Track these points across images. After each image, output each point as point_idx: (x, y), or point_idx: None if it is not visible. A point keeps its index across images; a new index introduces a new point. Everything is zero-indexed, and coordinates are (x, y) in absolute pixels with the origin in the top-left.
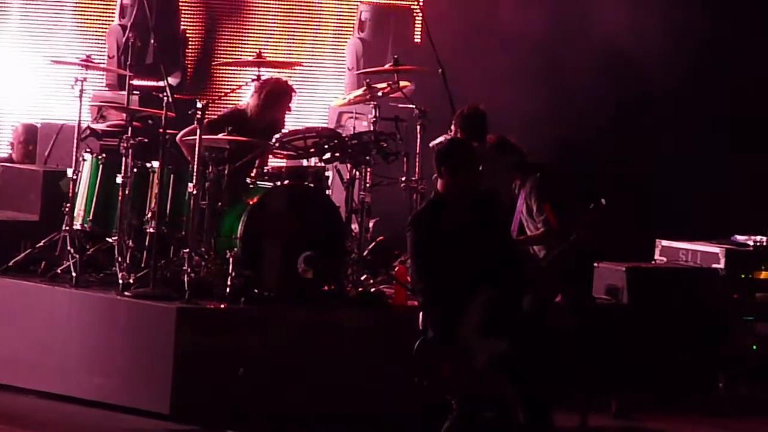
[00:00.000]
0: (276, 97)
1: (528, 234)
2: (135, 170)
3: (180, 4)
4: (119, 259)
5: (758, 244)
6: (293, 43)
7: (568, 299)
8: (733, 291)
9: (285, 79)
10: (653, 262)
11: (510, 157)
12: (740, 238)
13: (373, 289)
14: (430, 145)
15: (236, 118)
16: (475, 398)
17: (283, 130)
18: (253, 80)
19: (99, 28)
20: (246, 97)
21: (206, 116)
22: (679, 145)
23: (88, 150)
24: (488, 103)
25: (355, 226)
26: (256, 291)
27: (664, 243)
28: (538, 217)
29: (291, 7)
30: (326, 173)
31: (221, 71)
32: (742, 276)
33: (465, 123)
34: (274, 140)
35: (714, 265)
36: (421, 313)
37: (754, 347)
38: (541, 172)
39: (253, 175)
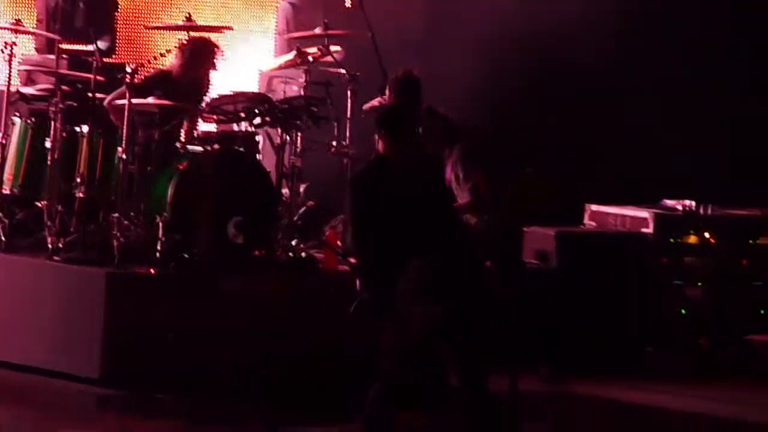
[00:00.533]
0: (199, 54)
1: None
2: (64, 134)
3: None
4: (48, 223)
5: (687, 208)
6: (223, 6)
7: (497, 264)
8: (662, 255)
9: (207, 36)
10: (582, 226)
11: (438, 125)
12: (669, 202)
13: (303, 254)
14: (363, 107)
15: (162, 80)
16: (410, 362)
17: (209, 89)
18: (180, 43)
19: None
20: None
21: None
22: (610, 111)
23: (17, 114)
24: (418, 70)
25: (285, 191)
26: (185, 256)
27: (593, 207)
28: (465, 185)
29: None
30: (257, 138)
31: (150, 35)
32: (671, 240)
33: (400, 87)
34: (203, 104)
35: (643, 230)
36: (358, 277)
37: (683, 312)
38: (469, 139)
39: (182, 139)
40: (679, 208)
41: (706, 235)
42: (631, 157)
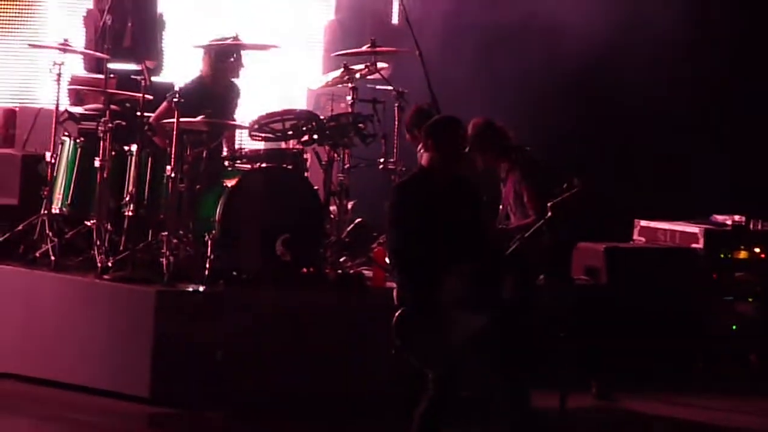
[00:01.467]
0: (223, 53)
1: (512, 220)
2: (113, 153)
3: None
4: (98, 242)
5: (737, 223)
6: (270, 25)
7: (548, 280)
8: (712, 271)
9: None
10: (632, 242)
11: (498, 140)
12: (719, 218)
13: (352, 271)
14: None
15: (198, 91)
16: (453, 375)
17: (240, 94)
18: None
19: (76, 11)
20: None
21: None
22: (660, 126)
23: (66, 134)
24: (464, 84)
25: (333, 208)
26: (235, 274)
27: (643, 223)
28: (529, 205)
29: None
30: (304, 155)
31: (199, 54)
32: (721, 256)
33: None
34: (251, 122)
35: (693, 245)
36: (396, 287)
37: (734, 327)
38: (531, 158)
39: (228, 156)
40: (729, 223)
41: (757, 250)
42: (681, 172)
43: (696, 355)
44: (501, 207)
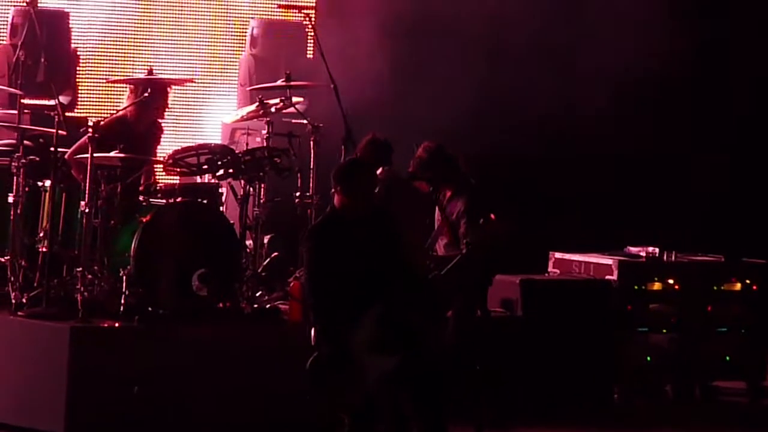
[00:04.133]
0: (152, 93)
1: (440, 248)
2: (26, 189)
3: (71, 22)
4: (12, 278)
5: (651, 255)
6: (185, 59)
7: (455, 313)
8: (626, 303)
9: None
10: (547, 274)
11: (446, 166)
12: (633, 249)
13: (268, 306)
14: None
15: (119, 128)
16: (369, 414)
17: (164, 132)
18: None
19: None
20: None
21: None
22: (574, 159)
23: None
24: (383, 114)
25: (249, 243)
26: (150, 309)
27: (558, 255)
28: (464, 237)
29: (182, 23)
30: (220, 190)
31: (113, 89)
32: (635, 287)
33: (368, 150)
34: (166, 156)
35: (607, 277)
36: (313, 329)
37: (648, 359)
38: (474, 192)
39: (143, 190)
40: (643, 254)
41: (671, 281)
42: (594, 205)
43: (611, 387)
44: (433, 231)
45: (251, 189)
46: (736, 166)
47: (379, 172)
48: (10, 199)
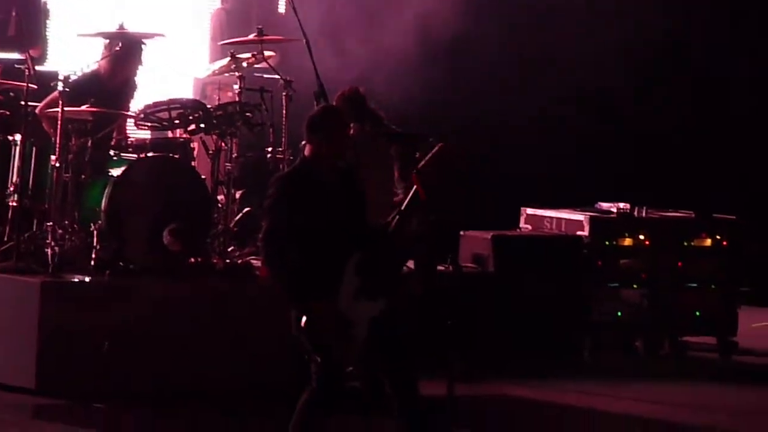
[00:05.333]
0: (125, 51)
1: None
2: None
3: None
4: None
5: (622, 211)
6: (156, 13)
7: (418, 264)
8: (597, 258)
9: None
10: (518, 229)
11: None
12: (604, 205)
13: (240, 261)
14: None
15: (92, 83)
16: (339, 367)
17: (137, 89)
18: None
19: None
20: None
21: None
22: (546, 115)
23: None
24: (349, 73)
25: (221, 198)
26: (121, 264)
27: (529, 211)
28: (399, 184)
29: None
30: (191, 145)
31: (83, 42)
32: (606, 243)
33: (346, 105)
34: (137, 111)
35: (578, 233)
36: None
37: (619, 314)
38: (406, 141)
39: (115, 145)
40: (614, 210)
41: (641, 237)
42: (566, 160)
43: (582, 341)
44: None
45: (223, 144)
46: (705, 124)
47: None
48: None
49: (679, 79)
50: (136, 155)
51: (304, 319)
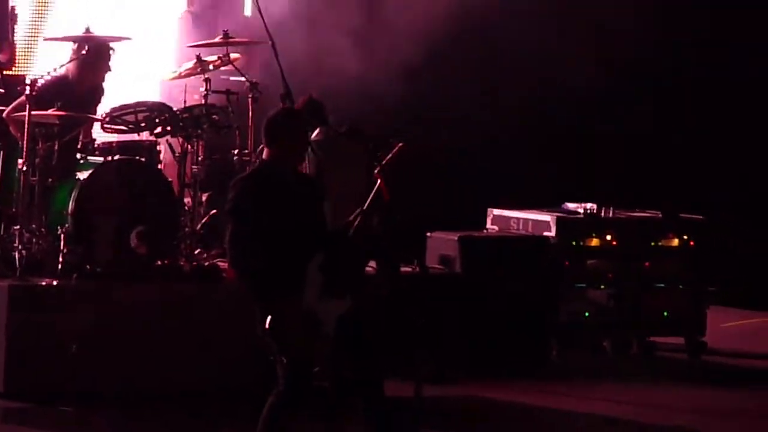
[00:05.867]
0: (93, 57)
1: None
2: None
3: None
4: None
5: (588, 211)
6: (122, 17)
7: (381, 266)
8: (564, 259)
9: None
10: (485, 230)
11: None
12: (571, 205)
13: (207, 263)
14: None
15: (60, 88)
16: (306, 368)
17: (105, 94)
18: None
19: None
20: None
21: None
22: (513, 115)
23: None
24: (318, 75)
25: (188, 200)
26: (88, 267)
27: (496, 212)
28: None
29: None
30: (158, 147)
31: (50, 46)
32: (573, 243)
33: (307, 109)
34: (104, 114)
35: (545, 233)
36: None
37: (587, 314)
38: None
39: (81, 148)
40: (581, 211)
41: (608, 237)
42: (532, 161)
43: (549, 342)
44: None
45: (189, 146)
46: (672, 124)
47: (316, 131)
48: None
49: (643, 81)
50: (102, 158)
51: (269, 318)
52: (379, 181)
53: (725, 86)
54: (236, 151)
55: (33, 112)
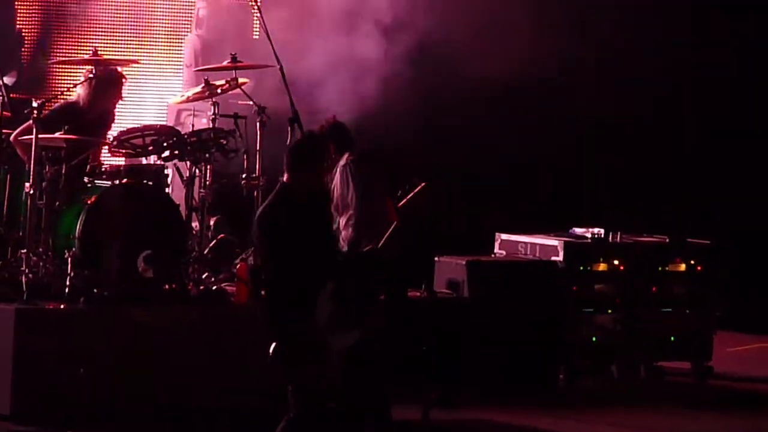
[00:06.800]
0: (105, 83)
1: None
2: None
3: (16, 3)
4: None
5: (596, 236)
6: (130, 40)
7: (387, 295)
8: (572, 283)
9: (114, 66)
10: (493, 255)
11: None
12: (578, 230)
13: (214, 287)
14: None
15: (68, 112)
16: (317, 395)
17: (115, 121)
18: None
19: None
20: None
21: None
22: (520, 140)
23: None
24: (325, 99)
25: (195, 224)
26: (95, 291)
27: (504, 236)
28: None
29: (127, 3)
30: (165, 171)
31: (58, 70)
32: (581, 268)
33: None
34: (111, 138)
35: (553, 258)
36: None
37: (594, 339)
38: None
39: (89, 172)
40: (588, 235)
41: (616, 262)
42: (541, 186)
43: (557, 367)
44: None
45: (197, 170)
46: (680, 148)
47: (345, 156)
48: None
49: (654, 110)
50: (110, 182)
51: (272, 346)
52: (395, 223)
53: (734, 114)
54: (244, 176)
55: (40, 136)
